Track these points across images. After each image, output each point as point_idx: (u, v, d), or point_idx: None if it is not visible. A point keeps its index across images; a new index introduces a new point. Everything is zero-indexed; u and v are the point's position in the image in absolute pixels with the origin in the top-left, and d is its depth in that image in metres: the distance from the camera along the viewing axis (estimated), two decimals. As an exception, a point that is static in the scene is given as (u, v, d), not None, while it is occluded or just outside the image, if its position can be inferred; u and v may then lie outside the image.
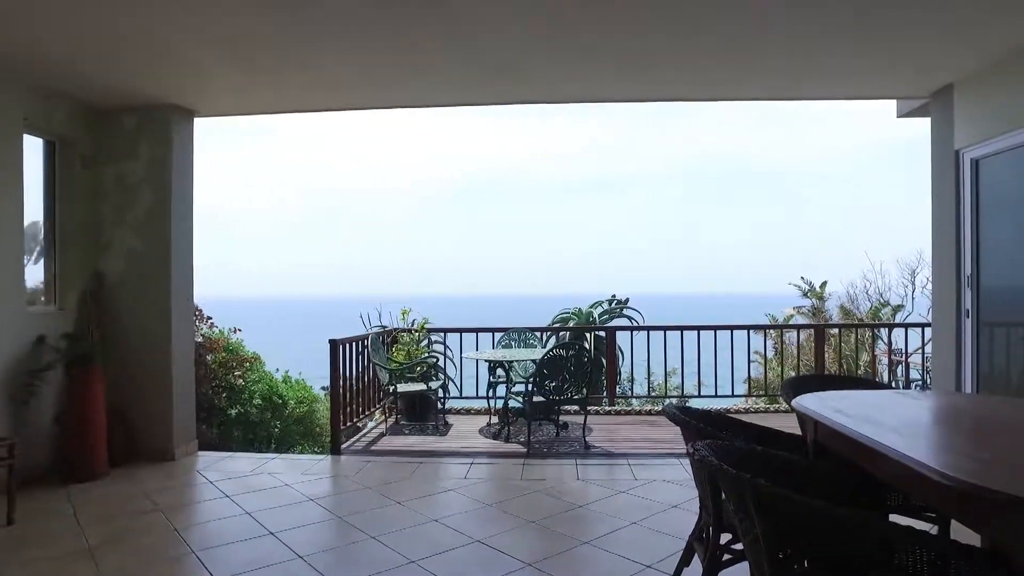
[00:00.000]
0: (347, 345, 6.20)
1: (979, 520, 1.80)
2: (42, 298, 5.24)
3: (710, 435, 2.55)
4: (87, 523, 3.91)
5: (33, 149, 5.13)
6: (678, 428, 2.85)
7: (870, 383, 4.09)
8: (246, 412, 7.40)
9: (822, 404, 2.68)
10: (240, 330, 8.19)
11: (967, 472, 1.82)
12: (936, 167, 5.24)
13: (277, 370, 8.48)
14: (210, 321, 7.63)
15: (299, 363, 9.18)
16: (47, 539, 3.68)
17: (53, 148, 5.28)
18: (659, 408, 8.14)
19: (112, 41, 4.18)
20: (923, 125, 5.58)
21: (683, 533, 3.52)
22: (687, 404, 8.97)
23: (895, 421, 2.45)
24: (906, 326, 8.14)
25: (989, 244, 4.70)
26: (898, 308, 11.95)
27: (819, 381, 3.73)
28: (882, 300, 12.16)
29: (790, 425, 3.03)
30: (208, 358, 7.26)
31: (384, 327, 7.78)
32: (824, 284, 13.26)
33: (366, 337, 6.61)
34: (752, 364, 9.62)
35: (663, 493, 4.45)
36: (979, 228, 4.78)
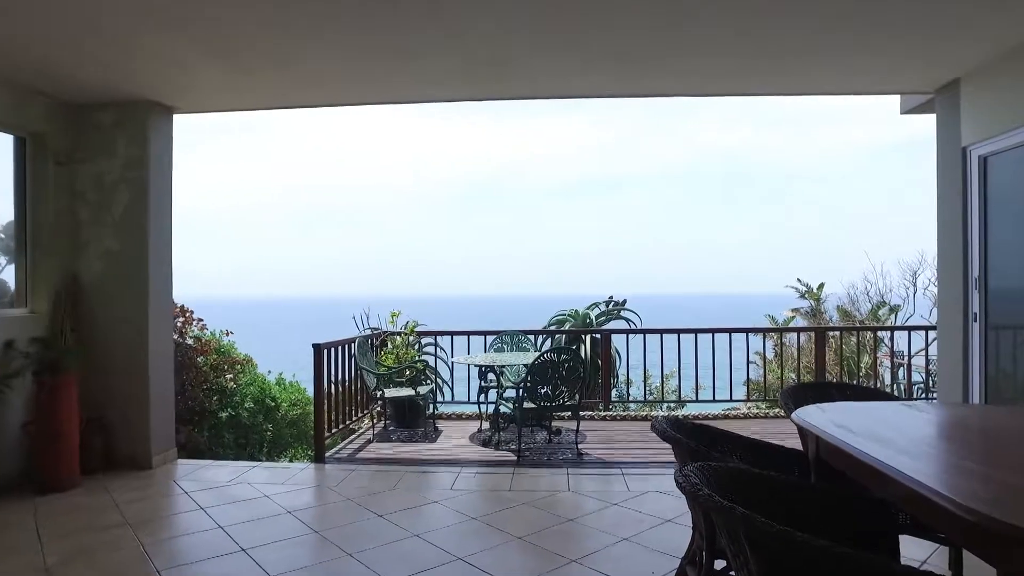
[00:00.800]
0: (332, 349, 6.00)
1: (998, 556, 1.60)
2: (12, 300, 5.04)
3: (703, 454, 2.36)
4: (49, 538, 3.71)
5: (3, 146, 4.94)
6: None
7: (874, 392, 3.90)
8: (237, 415, 7.23)
9: (825, 418, 2.49)
10: (232, 332, 8.03)
11: (983, 501, 1.63)
12: (942, 165, 5.05)
13: (269, 372, 8.31)
14: (201, 323, 7.46)
15: (294, 364, 9.00)
16: (1, 556, 3.48)
17: (24, 145, 5.08)
18: (655, 413, 7.96)
19: (89, 37, 4.01)
20: (928, 122, 5.40)
21: (676, 550, 3.34)
22: (685, 406, 8.78)
23: (904, 439, 2.26)
24: (909, 329, 7.94)
25: (998, 245, 4.51)
26: (895, 308, 11.76)
27: (820, 389, 3.54)
28: (882, 301, 11.98)
29: (790, 431, 2.85)
30: (199, 360, 7.09)
31: (376, 329, 7.59)
32: (821, 286, 13.11)
33: (353, 340, 6.42)
34: (751, 366, 9.43)
35: (657, 505, 4.25)
36: (987, 228, 4.59)
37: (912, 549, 2.96)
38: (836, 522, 2.19)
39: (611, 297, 10.72)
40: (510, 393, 5.92)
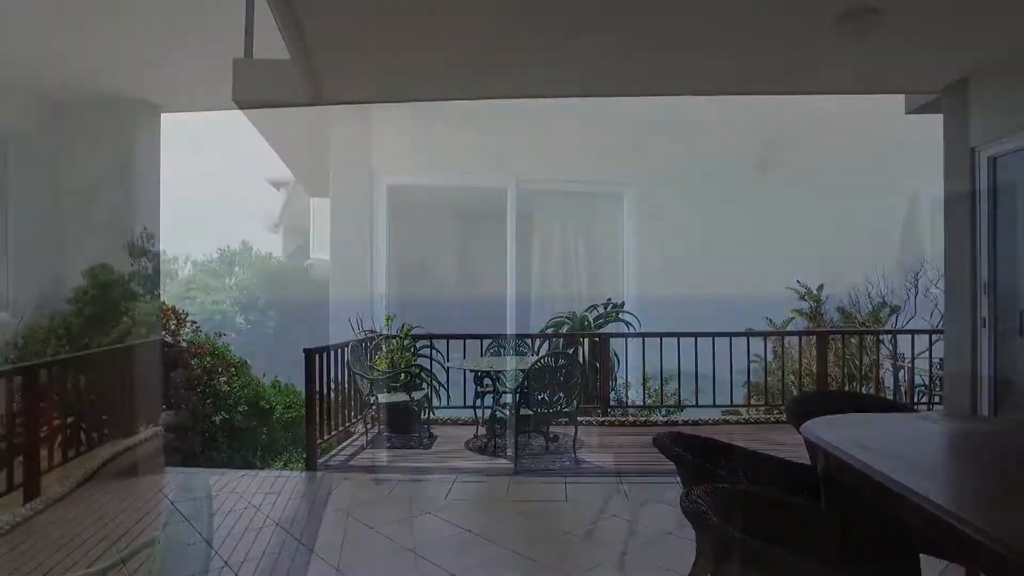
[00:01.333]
0: (325, 354, 5.86)
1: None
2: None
3: (708, 472, 2.23)
4: (24, 557, 3.56)
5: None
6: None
7: (881, 401, 3.78)
8: (231, 419, 7.09)
9: (837, 434, 2.35)
10: (225, 334, 7.89)
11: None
12: (949, 166, 4.92)
13: (264, 375, 8.17)
14: (195, 325, 7.31)
15: (293, 366, 8.83)
16: (-25, 574, 3.35)
17: (7, 144, 4.94)
18: (655, 418, 7.83)
19: (72, 34, 3.88)
20: (932, 123, 5.27)
21: (676, 566, 3.21)
22: (684, 411, 8.62)
23: (924, 457, 2.13)
24: (912, 333, 7.83)
25: (1007, 247, 4.39)
26: (896, 309, 11.65)
27: (826, 399, 3.42)
28: (883, 302, 11.87)
29: (792, 436, 2.73)
30: (192, 363, 6.95)
31: (371, 332, 7.44)
32: (820, 287, 12.98)
33: (347, 345, 6.28)
34: (752, 366, 9.29)
35: (657, 517, 4.13)
36: (996, 230, 4.47)
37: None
38: (852, 543, 2.07)
39: (609, 299, 10.56)
40: (507, 399, 5.78)
